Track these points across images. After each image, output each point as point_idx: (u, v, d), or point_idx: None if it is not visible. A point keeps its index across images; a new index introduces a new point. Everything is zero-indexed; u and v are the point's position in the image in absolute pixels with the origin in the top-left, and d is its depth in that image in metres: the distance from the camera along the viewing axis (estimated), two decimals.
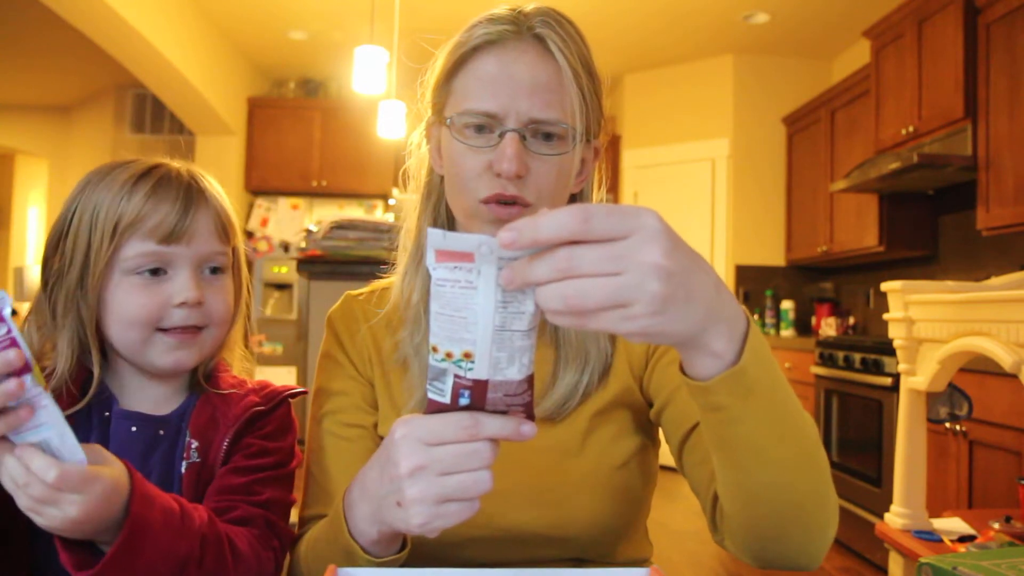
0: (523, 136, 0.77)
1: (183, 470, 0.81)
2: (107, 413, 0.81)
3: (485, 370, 0.54)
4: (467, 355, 0.54)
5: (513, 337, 0.53)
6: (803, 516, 0.66)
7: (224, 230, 0.84)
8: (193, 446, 0.81)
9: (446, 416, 0.58)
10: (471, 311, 0.52)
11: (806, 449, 0.64)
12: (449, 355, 0.54)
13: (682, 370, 0.60)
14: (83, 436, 0.79)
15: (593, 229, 0.48)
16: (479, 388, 0.55)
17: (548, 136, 0.79)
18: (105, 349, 0.83)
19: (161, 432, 0.82)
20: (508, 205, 0.79)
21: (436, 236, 0.51)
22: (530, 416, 0.58)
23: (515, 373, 0.55)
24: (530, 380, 0.56)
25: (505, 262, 0.50)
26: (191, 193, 0.81)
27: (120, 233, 0.78)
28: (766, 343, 0.60)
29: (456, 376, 0.55)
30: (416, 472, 0.58)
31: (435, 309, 0.54)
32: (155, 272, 0.79)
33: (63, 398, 0.78)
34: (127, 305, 0.78)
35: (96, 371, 0.80)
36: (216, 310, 0.83)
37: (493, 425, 0.58)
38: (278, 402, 0.87)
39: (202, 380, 0.86)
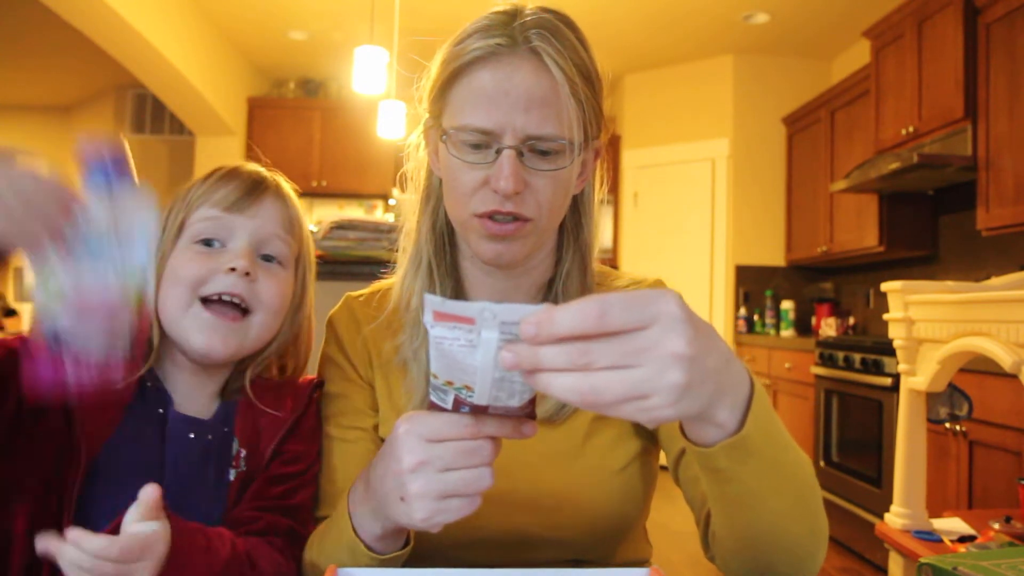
0: (520, 152, 0.76)
1: (231, 478, 0.81)
2: (161, 410, 0.81)
3: (485, 400, 0.54)
4: (467, 387, 0.54)
5: (514, 384, 0.53)
6: (795, 554, 0.67)
7: (290, 222, 0.86)
8: (242, 455, 0.82)
9: (448, 415, 0.58)
10: (470, 365, 0.51)
11: (802, 496, 0.65)
12: (449, 383, 0.54)
13: (682, 431, 0.60)
14: (139, 431, 0.78)
15: (610, 324, 0.47)
16: (479, 408, 0.56)
17: (545, 152, 0.78)
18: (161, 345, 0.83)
19: (210, 437, 0.82)
20: (505, 223, 0.78)
21: (434, 301, 0.50)
22: (531, 416, 0.59)
23: (516, 402, 0.55)
24: (532, 400, 0.56)
25: (508, 327, 0.49)
26: (261, 177, 0.86)
27: (190, 203, 0.83)
28: (767, 401, 0.60)
29: (457, 397, 0.55)
30: (418, 468, 0.59)
31: (434, 355, 0.53)
32: (211, 243, 0.82)
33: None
34: (179, 268, 0.80)
35: (155, 341, 0.81)
36: (267, 293, 0.82)
37: (494, 424, 0.58)
38: (308, 401, 0.88)
39: (247, 384, 0.84)
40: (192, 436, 0.81)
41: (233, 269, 0.79)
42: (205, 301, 0.80)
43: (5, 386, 0.70)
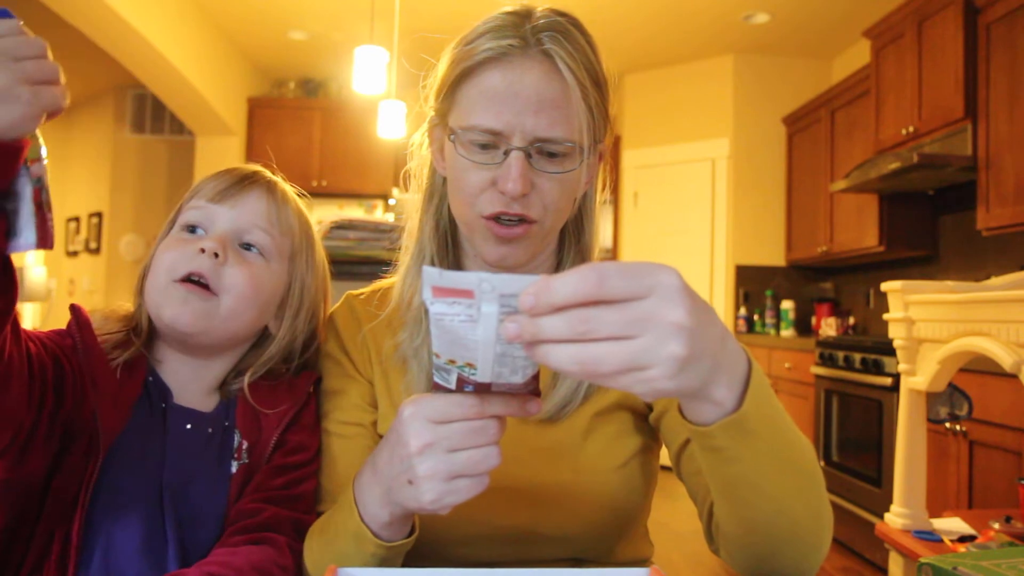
0: (528, 154, 0.77)
1: (233, 470, 0.82)
2: (163, 404, 0.83)
3: (488, 377, 0.54)
4: (470, 364, 0.54)
5: (516, 360, 0.53)
6: (799, 539, 0.66)
7: (277, 218, 0.88)
8: (244, 447, 0.83)
9: (452, 395, 0.58)
10: (472, 340, 0.51)
11: (803, 478, 0.65)
12: (452, 361, 0.55)
13: (680, 412, 0.60)
14: (143, 424, 0.79)
15: (608, 292, 0.47)
16: (483, 386, 0.56)
17: (553, 154, 0.78)
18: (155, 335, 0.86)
19: (210, 430, 0.83)
20: (511, 225, 0.79)
21: (432, 274, 0.49)
22: (536, 393, 0.59)
23: (519, 379, 0.55)
24: (535, 376, 0.57)
25: (507, 299, 0.49)
26: (252, 173, 0.89)
27: (187, 198, 0.87)
28: (766, 382, 0.60)
29: (460, 375, 0.56)
30: (425, 449, 0.59)
31: (435, 333, 0.53)
32: (195, 230, 0.85)
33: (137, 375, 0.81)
34: (161, 252, 0.84)
35: (144, 325, 0.84)
36: (234, 278, 0.82)
37: (499, 403, 0.59)
38: (307, 397, 0.89)
39: (246, 389, 0.85)
40: (189, 427, 0.82)
41: (203, 250, 0.81)
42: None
43: (62, 384, 0.74)
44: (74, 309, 0.81)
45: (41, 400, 0.71)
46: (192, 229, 0.85)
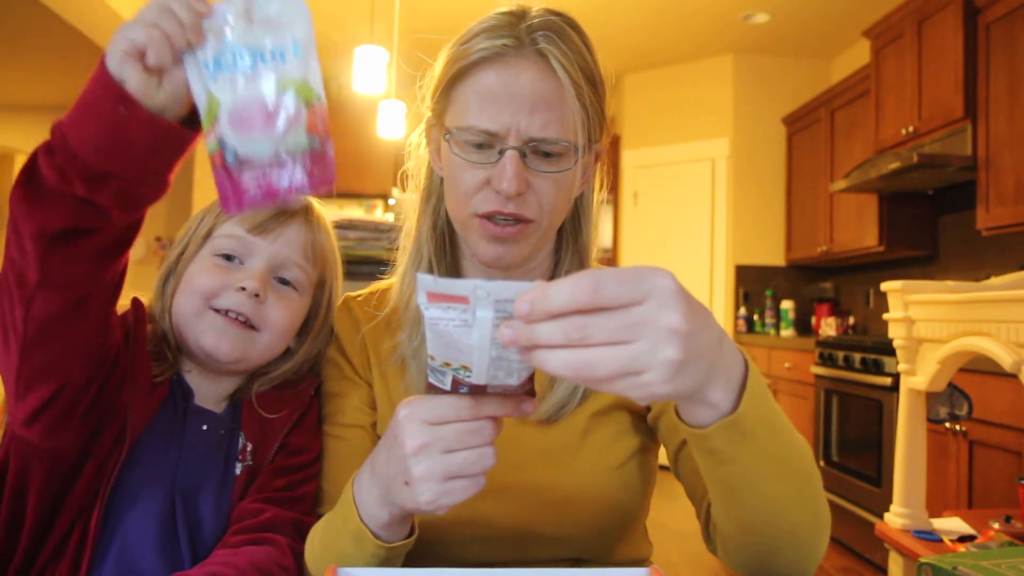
0: (523, 153, 0.77)
1: (237, 472, 0.83)
2: (184, 405, 0.84)
3: (483, 379, 0.55)
4: (465, 367, 0.54)
5: (511, 363, 0.53)
6: (796, 540, 0.67)
7: (312, 249, 0.87)
8: (248, 449, 0.84)
9: (447, 397, 0.59)
10: (467, 344, 0.51)
11: (800, 480, 0.65)
12: (447, 364, 0.55)
13: (677, 414, 0.60)
14: (166, 422, 0.81)
15: (604, 299, 0.47)
16: (478, 388, 0.56)
17: (548, 154, 0.78)
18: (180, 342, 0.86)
19: (222, 432, 0.84)
20: (505, 225, 0.78)
21: (427, 281, 0.50)
22: (531, 394, 0.59)
23: (514, 380, 0.55)
24: (530, 377, 0.57)
25: (502, 304, 0.49)
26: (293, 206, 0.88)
27: (219, 214, 0.86)
28: (763, 384, 0.60)
29: (455, 377, 0.56)
30: (421, 450, 0.59)
31: (430, 336, 0.53)
32: (231, 259, 0.84)
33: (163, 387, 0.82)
34: (196, 276, 0.83)
35: (173, 341, 0.84)
36: (273, 317, 0.84)
37: (494, 404, 0.59)
38: (310, 400, 0.89)
39: (254, 397, 0.86)
40: (205, 428, 0.83)
41: (243, 288, 0.81)
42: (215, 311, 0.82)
43: (113, 368, 0.75)
44: (136, 303, 0.83)
45: (98, 369, 0.72)
46: (228, 257, 0.84)
